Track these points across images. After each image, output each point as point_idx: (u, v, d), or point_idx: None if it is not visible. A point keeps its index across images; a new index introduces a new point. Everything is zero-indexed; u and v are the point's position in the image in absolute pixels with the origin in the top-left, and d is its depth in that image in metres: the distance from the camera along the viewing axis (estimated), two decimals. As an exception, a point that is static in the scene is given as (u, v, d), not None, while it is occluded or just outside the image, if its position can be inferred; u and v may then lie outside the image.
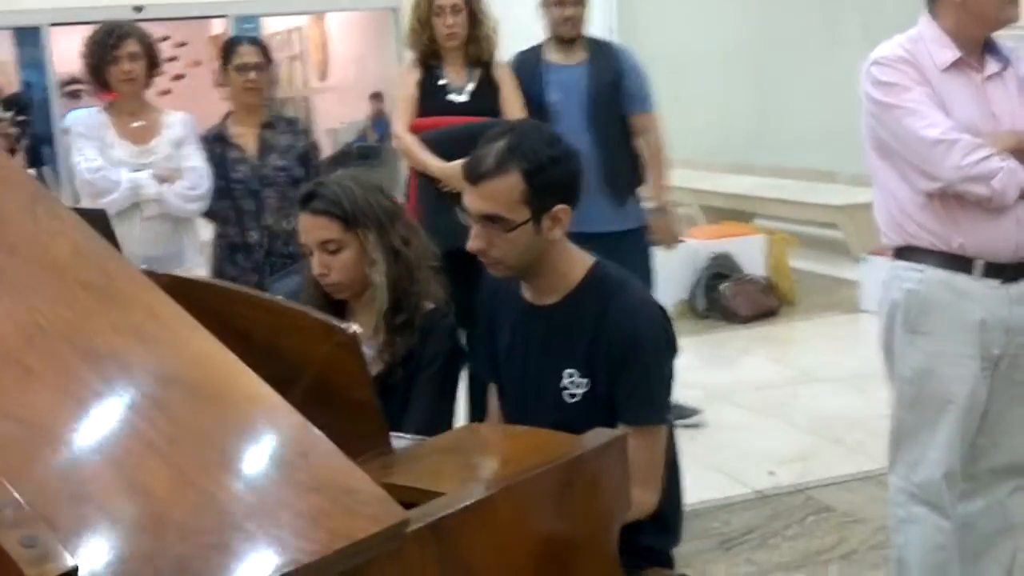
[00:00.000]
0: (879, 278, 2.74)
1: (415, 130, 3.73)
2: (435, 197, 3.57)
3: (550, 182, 1.95)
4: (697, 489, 3.73)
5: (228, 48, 3.74)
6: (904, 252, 2.53)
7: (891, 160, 2.49)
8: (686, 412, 4.36)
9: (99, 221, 1.56)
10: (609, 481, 1.43)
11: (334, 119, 15.01)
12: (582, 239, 3.75)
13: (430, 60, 3.85)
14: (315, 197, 2.24)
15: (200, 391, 1.15)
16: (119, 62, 3.47)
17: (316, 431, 1.14)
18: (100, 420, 1.06)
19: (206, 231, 3.81)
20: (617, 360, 1.96)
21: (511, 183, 1.92)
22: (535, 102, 3.93)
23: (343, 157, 13.54)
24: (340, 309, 2.32)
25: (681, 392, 4.78)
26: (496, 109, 3.81)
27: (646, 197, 4.31)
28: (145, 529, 0.95)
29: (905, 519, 2.56)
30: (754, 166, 9.03)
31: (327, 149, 14.01)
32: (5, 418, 1.04)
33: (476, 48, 3.84)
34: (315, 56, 16.35)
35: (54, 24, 9.54)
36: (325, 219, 2.21)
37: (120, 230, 3.49)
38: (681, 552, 2.40)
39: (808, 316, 6.20)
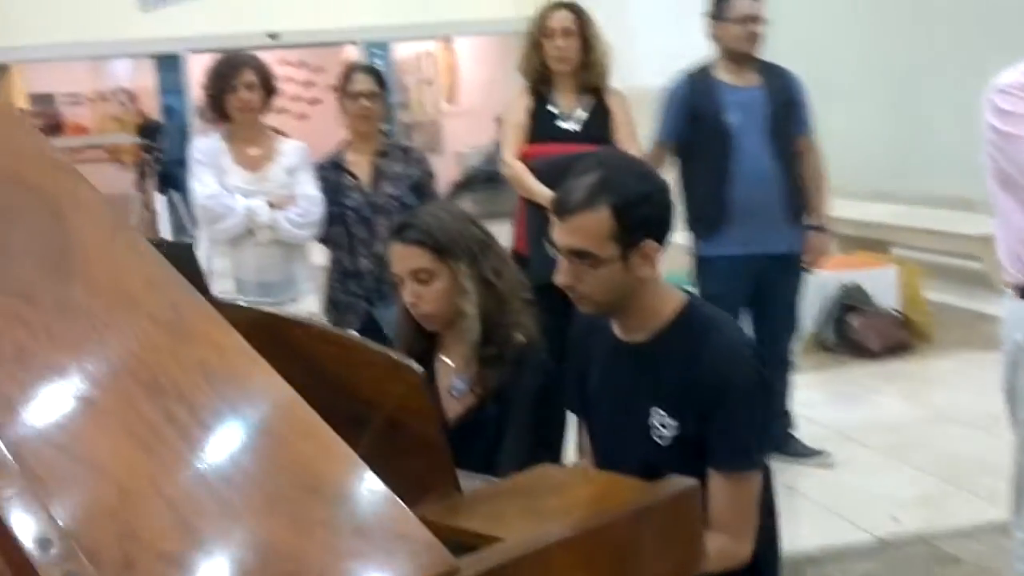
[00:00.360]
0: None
1: (524, 157, 3.71)
2: (542, 226, 3.53)
3: (640, 218, 1.90)
4: (815, 534, 3.60)
5: (344, 76, 3.81)
6: (1027, 290, 2.39)
7: (1013, 192, 2.36)
8: (809, 452, 4.21)
9: (184, 252, 1.57)
10: (681, 533, 1.36)
11: (462, 143, 15.18)
12: (764, 260, 3.69)
13: (541, 86, 3.80)
14: (407, 227, 2.24)
15: (258, 428, 1.14)
16: (237, 91, 3.56)
17: (370, 473, 1.11)
18: (156, 457, 1.05)
19: (320, 257, 3.87)
20: (707, 403, 1.89)
21: (600, 218, 1.87)
22: (712, 122, 3.87)
23: (469, 181, 13.66)
24: (432, 340, 2.31)
25: (805, 429, 4.65)
26: (608, 137, 3.74)
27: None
28: (187, 566, 0.94)
29: (1029, 576, 2.40)
30: (890, 193, 8.73)
31: (454, 173, 14.20)
32: (61, 452, 1.05)
33: (588, 74, 3.77)
34: (444, 80, 16.59)
35: (193, 51, 9.91)
36: (416, 248, 2.21)
37: (234, 256, 3.63)
38: (793, 604, 2.31)
39: (944, 352, 5.93)
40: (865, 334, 5.91)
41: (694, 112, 3.99)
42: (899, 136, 8.80)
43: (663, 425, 1.94)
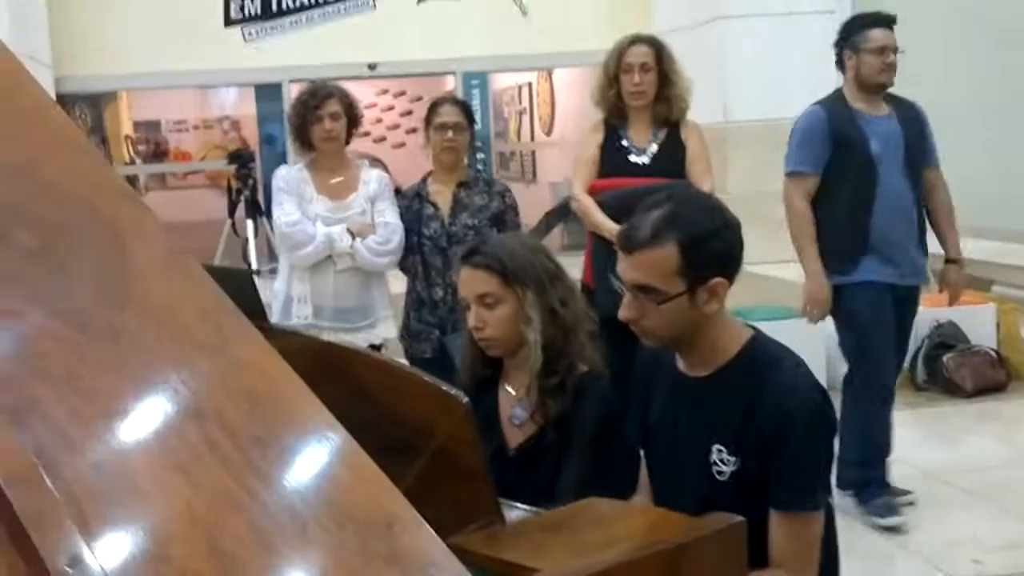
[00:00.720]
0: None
1: (593, 191, 3.74)
2: (608, 259, 3.50)
3: (707, 254, 1.89)
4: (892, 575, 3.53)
5: (432, 108, 3.87)
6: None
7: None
8: (897, 492, 4.11)
9: (242, 278, 1.63)
10: (723, 571, 1.36)
11: (558, 173, 15.23)
12: (897, 290, 3.39)
13: (615, 119, 3.83)
14: (476, 252, 2.29)
15: (297, 453, 1.17)
16: (321, 121, 3.64)
17: (405, 501, 1.14)
18: (195, 484, 1.09)
19: (399, 285, 3.93)
20: (768, 441, 1.87)
21: (666, 254, 1.87)
22: (858, 152, 3.85)
23: (561, 211, 13.69)
24: (497, 369, 2.33)
25: (895, 469, 4.55)
26: (680, 172, 3.75)
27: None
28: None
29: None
30: (994, 229, 8.51)
31: (549, 203, 14.25)
32: (103, 476, 1.09)
33: (664, 108, 3.79)
34: (542, 111, 16.69)
35: (293, 80, 10.15)
36: (484, 273, 2.24)
37: (313, 282, 3.71)
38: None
39: (1040, 394, 5.75)
40: (959, 373, 5.76)
41: (837, 142, 3.91)
42: (1001, 170, 8.58)
43: (723, 462, 1.92)
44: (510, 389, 2.33)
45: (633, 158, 3.78)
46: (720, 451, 1.93)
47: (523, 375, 2.26)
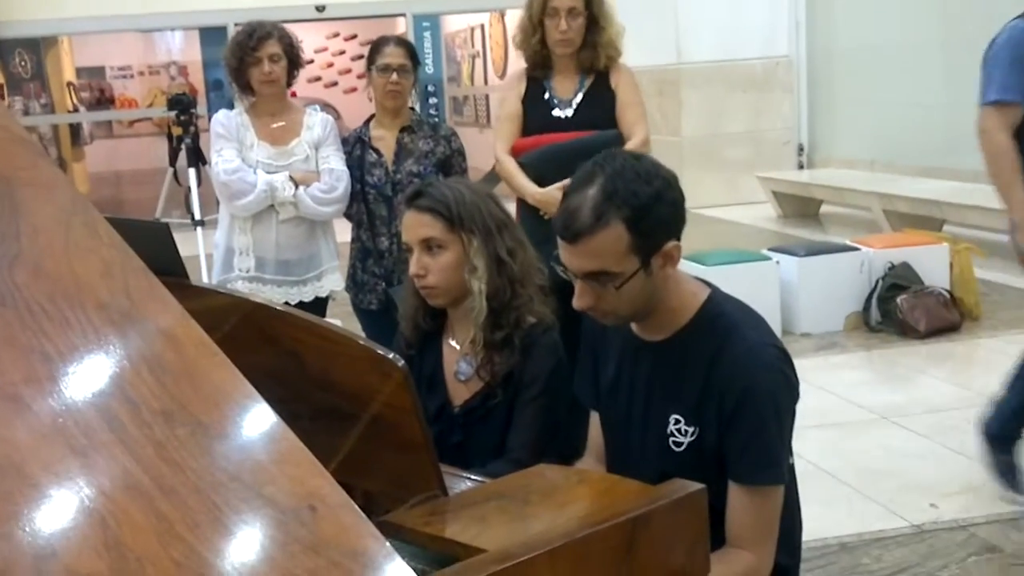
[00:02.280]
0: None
1: (516, 151, 3.50)
2: (538, 227, 3.21)
3: (656, 222, 1.75)
4: (849, 521, 3.49)
5: (374, 48, 3.70)
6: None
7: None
8: None
9: (158, 233, 1.50)
10: (681, 541, 1.27)
11: (512, 117, 15.05)
12: None
13: (538, 70, 3.53)
14: (421, 195, 2.17)
15: (210, 431, 1.05)
16: (260, 63, 3.47)
17: (331, 480, 1.03)
18: (90, 465, 0.98)
19: (347, 233, 3.79)
20: (728, 412, 1.78)
21: (614, 236, 1.72)
22: None
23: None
24: (440, 320, 2.23)
25: (846, 412, 4.53)
26: (609, 121, 3.47)
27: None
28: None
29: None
30: (945, 169, 8.50)
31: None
32: None
33: (590, 55, 3.48)
34: (495, 54, 16.46)
35: (238, 24, 9.86)
36: (429, 216, 2.14)
37: (255, 233, 3.56)
38: (824, 591, 2.22)
39: (993, 332, 5.75)
40: (912, 314, 5.75)
41: None
42: (954, 111, 8.55)
43: (680, 432, 1.83)
44: (454, 343, 2.23)
45: (557, 112, 3.50)
46: (678, 421, 1.84)
47: (467, 328, 2.15)
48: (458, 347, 2.20)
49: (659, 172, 1.79)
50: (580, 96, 3.49)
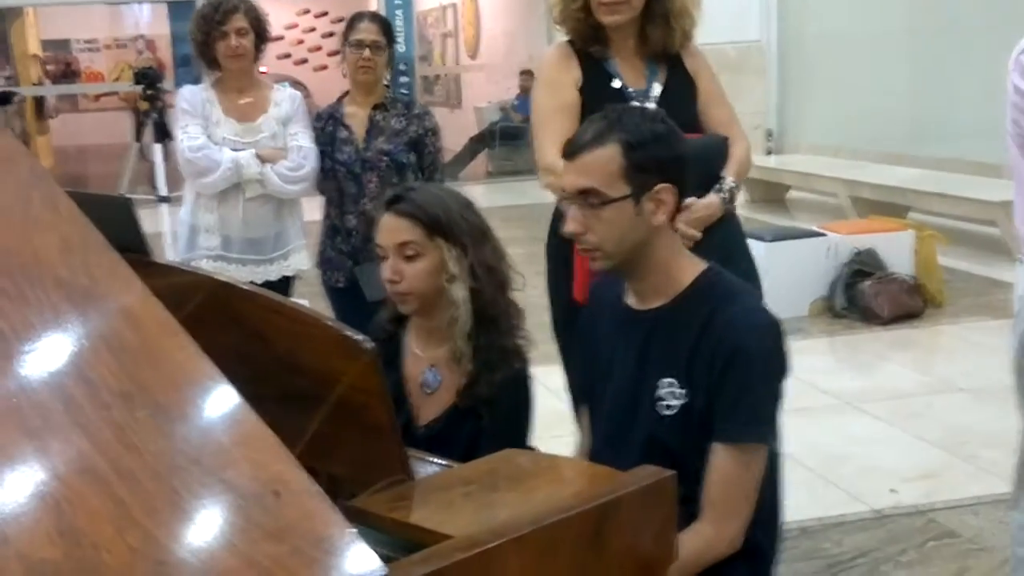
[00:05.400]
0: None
1: None
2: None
3: (650, 157, 1.81)
4: (810, 506, 3.50)
5: (349, 24, 3.66)
6: (1045, 265, 2.26)
7: (1036, 160, 2.21)
8: None
9: (120, 209, 1.47)
10: (649, 527, 1.26)
11: (483, 97, 15.00)
12: None
13: (592, 45, 2.61)
14: (401, 199, 2.09)
15: (170, 413, 1.03)
16: (226, 38, 3.42)
17: (294, 464, 1.01)
18: (45, 445, 0.95)
19: (315, 212, 3.75)
20: (719, 370, 1.79)
21: (609, 155, 1.80)
22: None
23: (487, 137, 13.50)
24: (402, 324, 2.16)
25: (810, 397, 4.55)
26: (690, 122, 2.54)
27: None
28: (64, 572, 0.84)
29: (1027, 560, 2.30)
30: (911, 157, 8.56)
31: (473, 128, 14.04)
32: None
33: (661, 30, 2.59)
34: (467, 33, 16.39)
35: (206, -2, 9.73)
36: (408, 221, 2.05)
37: (222, 211, 3.51)
38: (783, 575, 2.22)
39: (956, 319, 5.80)
40: (875, 300, 5.78)
41: None
42: (921, 99, 8.61)
43: (672, 395, 1.84)
44: (419, 351, 2.14)
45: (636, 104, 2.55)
46: (670, 385, 1.84)
47: (437, 339, 2.08)
48: (422, 354, 2.12)
49: (668, 124, 1.89)
50: (658, 87, 2.63)
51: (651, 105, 2.54)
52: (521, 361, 2.08)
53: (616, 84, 2.59)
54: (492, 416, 2.01)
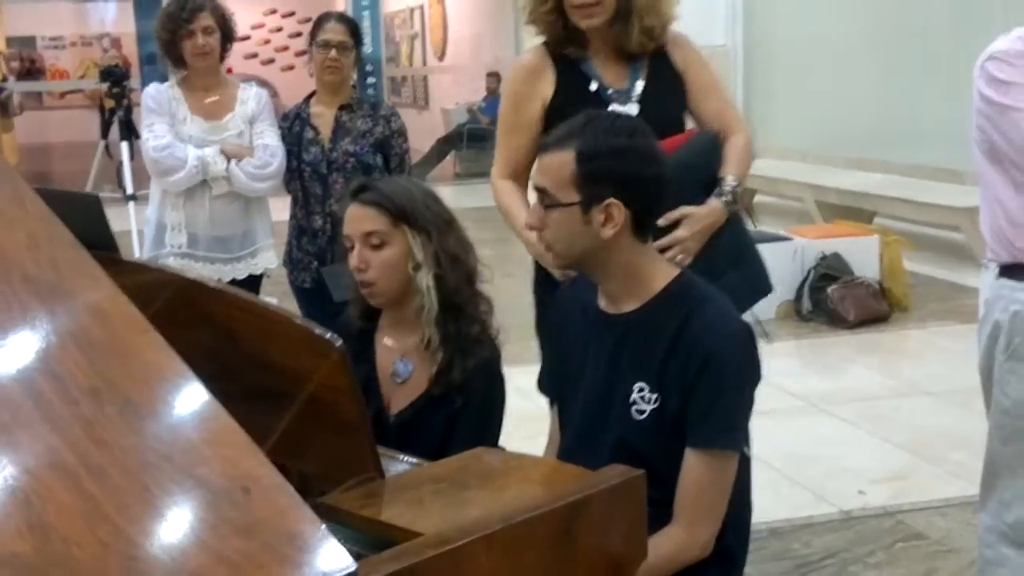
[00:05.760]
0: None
1: None
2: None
3: (603, 170, 1.80)
4: (779, 507, 3.53)
5: (316, 24, 3.65)
6: (1011, 270, 2.28)
7: (1002, 167, 2.24)
8: None
9: (90, 206, 1.46)
10: (619, 526, 1.27)
11: (450, 99, 15.00)
12: None
13: (566, 47, 2.47)
14: (366, 189, 2.11)
15: (140, 409, 1.02)
16: (193, 36, 3.40)
17: (264, 461, 1.01)
18: (14, 440, 0.94)
19: (282, 211, 3.73)
20: (692, 376, 1.79)
21: (563, 160, 1.81)
22: None
23: (454, 138, 13.49)
24: (375, 317, 2.16)
25: (777, 400, 4.58)
26: (678, 118, 2.51)
27: None
28: (31, 574, 0.83)
29: (993, 560, 2.33)
30: (877, 162, 8.64)
31: (441, 130, 14.03)
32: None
33: (622, 30, 2.43)
34: (434, 35, 16.38)
35: (174, -4, 9.66)
36: (373, 210, 2.06)
37: (188, 209, 3.49)
38: (751, 575, 2.23)
39: (921, 324, 5.87)
40: (842, 304, 5.83)
41: None
42: (886, 104, 8.68)
43: (643, 399, 1.84)
44: (389, 342, 2.15)
45: (616, 107, 2.43)
46: (641, 389, 1.84)
47: (409, 329, 2.09)
48: (393, 345, 2.13)
49: (634, 137, 1.84)
50: (640, 84, 2.47)
51: (633, 106, 2.43)
52: (492, 349, 2.10)
53: (593, 86, 2.46)
54: (466, 401, 2.03)
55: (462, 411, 2.03)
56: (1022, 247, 2.23)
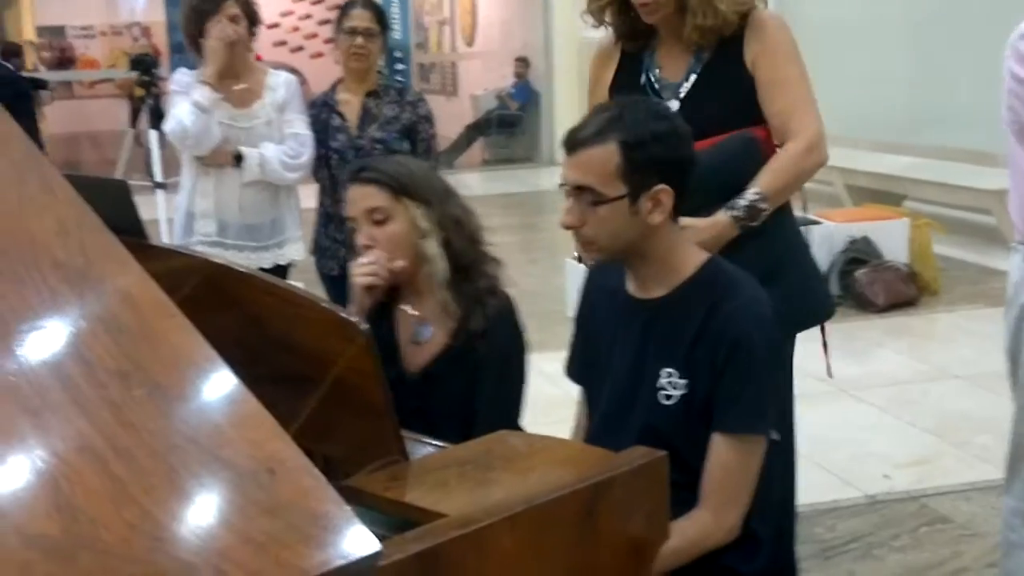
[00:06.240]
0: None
1: None
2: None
3: (649, 158, 1.79)
4: (804, 490, 3.51)
5: (342, 11, 3.66)
6: (1038, 250, 2.27)
7: (1031, 145, 2.22)
8: None
9: (117, 192, 1.48)
10: (641, 508, 1.28)
11: (479, 85, 14.99)
12: None
13: (631, 41, 2.39)
14: (364, 168, 2.16)
15: (167, 392, 1.04)
16: (220, 25, 3.41)
17: (289, 443, 1.02)
18: (43, 423, 0.96)
19: (310, 199, 3.75)
20: (721, 361, 1.79)
21: (607, 153, 1.79)
22: None
23: (483, 124, 13.49)
24: (392, 292, 2.20)
25: (802, 383, 4.55)
26: (725, 117, 2.27)
27: None
28: (59, 554, 0.85)
29: (1017, 543, 2.33)
30: (907, 145, 8.56)
31: (470, 116, 14.02)
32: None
33: (690, 23, 2.25)
34: (464, 21, 16.35)
35: (202, -15, 9.70)
36: (373, 188, 2.12)
37: (219, 196, 3.50)
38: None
39: (951, 307, 5.83)
40: (871, 288, 5.81)
41: None
42: (917, 87, 8.60)
43: (672, 385, 1.84)
44: (408, 309, 2.19)
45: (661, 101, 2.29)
46: (670, 374, 1.84)
47: (422, 296, 2.14)
48: (414, 312, 2.17)
49: (673, 120, 1.86)
50: (693, 78, 2.32)
51: (674, 102, 2.29)
52: (506, 299, 2.14)
53: (643, 79, 2.36)
54: (488, 351, 2.08)
55: (485, 360, 2.08)
56: (1050, 229, 2.22)
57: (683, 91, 2.31)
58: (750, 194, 2.20)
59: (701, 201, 2.04)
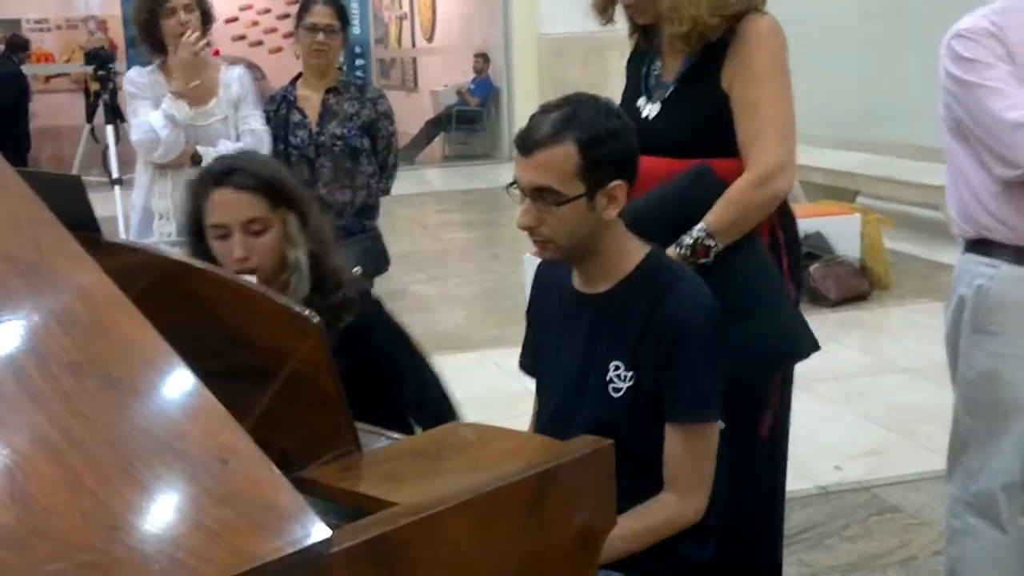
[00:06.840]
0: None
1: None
2: None
3: (606, 155, 1.84)
4: (757, 481, 3.60)
5: (302, 6, 3.66)
6: (976, 245, 2.34)
7: (967, 143, 2.29)
8: None
9: (72, 188, 1.49)
10: (588, 495, 1.31)
11: (439, 81, 14.98)
12: None
13: (645, 36, 2.37)
14: (236, 171, 2.02)
15: (121, 384, 1.06)
16: (174, 14, 3.38)
17: (241, 433, 1.05)
18: (-2, 415, 0.98)
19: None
20: (665, 351, 1.84)
21: (566, 153, 1.82)
22: None
23: (443, 120, 13.49)
24: None
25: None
26: (694, 133, 2.21)
27: None
28: (13, 542, 0.87)
29: (960, 530, 2.39)
30: (860, 141, 8.68)
31: (430, 112, 14.02)
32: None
33: (666, 31, 2.21)
34: (423, 16, 16.34)
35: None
36: (249, 195, 1.99)
37: (177, 196, 3.46)
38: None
39: (901, 302, 5.94)
40: (824, 283, 5.90)
41: None
42: (869, 84, 8.72)
43: (619, 378, 1.89)
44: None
45: (642, 106, 2.30)
46: (618, 367, 1.89)
47: None
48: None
49: (622, 116, 1.91)
50: (672, 86, 2.27)
51: (656, 104, 2.27)
52: (350, 312, 2.06)
53: (644, 71, 2.34)
54: (375, 348, 2.06)
55: (379, 360, 2.06)
56: (986, 223, 2.28)
57: (666, 94, 2.27)
58: (696, 230, 2.15)
59: (654, 237, 2.00)
